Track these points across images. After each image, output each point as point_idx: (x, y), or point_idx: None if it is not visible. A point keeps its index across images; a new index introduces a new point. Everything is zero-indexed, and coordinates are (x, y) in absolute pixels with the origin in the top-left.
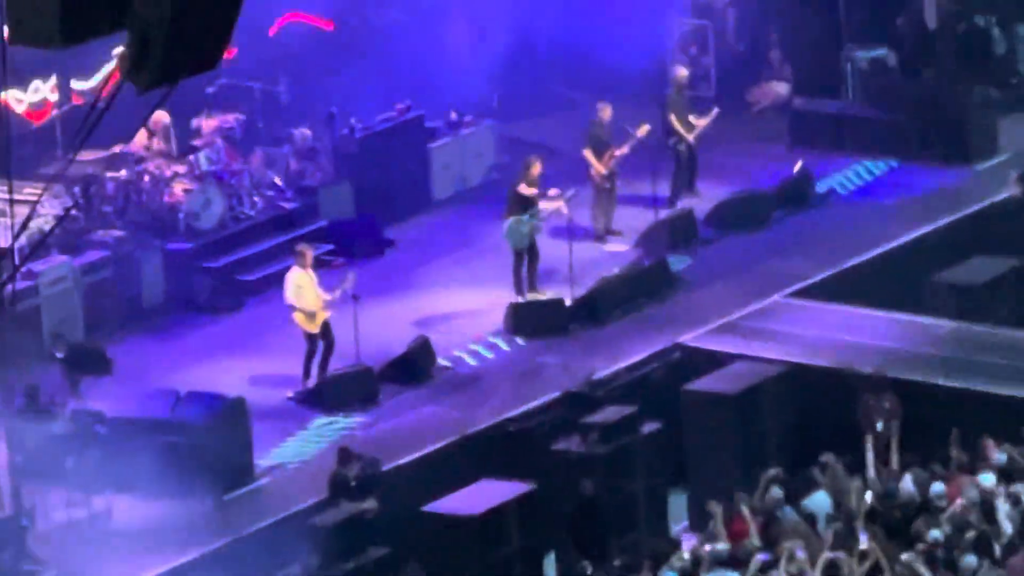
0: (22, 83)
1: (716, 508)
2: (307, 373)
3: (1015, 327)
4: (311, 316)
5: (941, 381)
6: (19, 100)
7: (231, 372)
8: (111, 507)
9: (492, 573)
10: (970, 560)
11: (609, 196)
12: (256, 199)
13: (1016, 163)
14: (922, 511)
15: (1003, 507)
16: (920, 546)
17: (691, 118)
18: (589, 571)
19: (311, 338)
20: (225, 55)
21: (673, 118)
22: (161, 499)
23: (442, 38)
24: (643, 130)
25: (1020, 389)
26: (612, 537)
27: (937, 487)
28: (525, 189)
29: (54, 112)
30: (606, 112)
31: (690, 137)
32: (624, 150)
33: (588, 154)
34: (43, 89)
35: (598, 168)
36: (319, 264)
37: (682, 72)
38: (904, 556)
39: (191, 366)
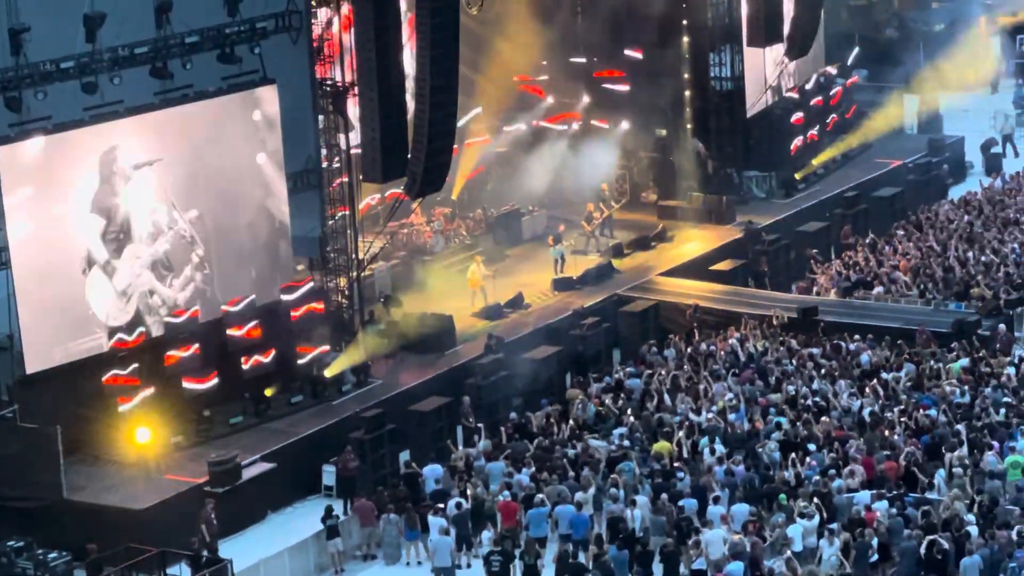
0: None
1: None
2: (473, 303)
3: (741, 287)
4: (476, 284)
5: (716, 306)
6: (365, 204)
7: (446, 305)
8: (400, 356)
9: (546, 381)
10: (723, 372)
11: (591, 238)
12: (456, 240)
13: (741, 224)
14: (709, 356)
15: (740, 354)
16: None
17: (613, 204)
18: (579, 380)
19: (474, 291)
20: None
21: (602, 206)
22: (419, 353)
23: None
24: (605, 214)
25: (745, 309)
26: (590, 367)
27: (713, 346)
28: (553, 237)
29: (379, 207)
30: (590, 206)
31: (612, 212)
32: (598, 221)
33: (583, 222)
34: (374, 200)
35: (587, 228)
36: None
37: (604, 186)
38: (703, 373)
39: (430, 304)
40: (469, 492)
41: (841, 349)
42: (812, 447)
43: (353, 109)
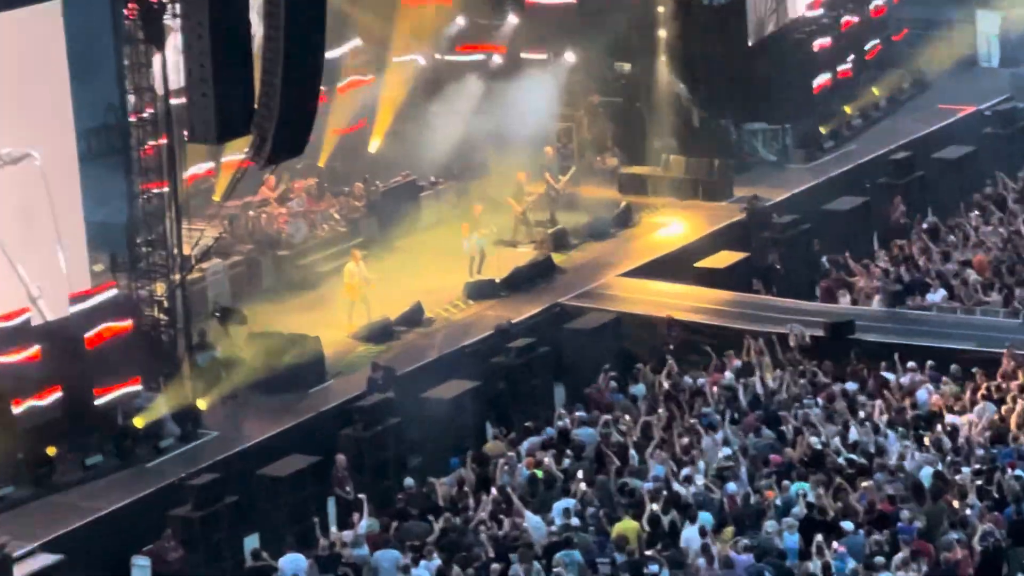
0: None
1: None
2: (349, 320)
3: (743, 293)
4: (354, 291)
5: (705, 320)
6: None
7: (312, 322)
8: (245, 397)
9: (456, 431)
10: (717, 419)
11: (522, 223)
12: (324, 226)
13: (742, 200)
14: (696, 395)
15: (741, 391)
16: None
17: (560, 177)
18: (504, 431)
19: (352, 302)
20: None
21: (547, 176)
22: (273, 393)
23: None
24: (542, 188)
25: (748, 325)
26: (522, 410)
27: (702, 379)
28: (472, 219)
29: (212, 179)
30: (521, 176)
31: (559, 187)
32: (532, 198)
33: (510, 200)
34: (205, 165)
35: (517, 208)
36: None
37: (549, 150)
38: (688, 419)
39: (289, 319)
40: None
41: (888, 383)
42: (848, 526)
43: (174, 37)
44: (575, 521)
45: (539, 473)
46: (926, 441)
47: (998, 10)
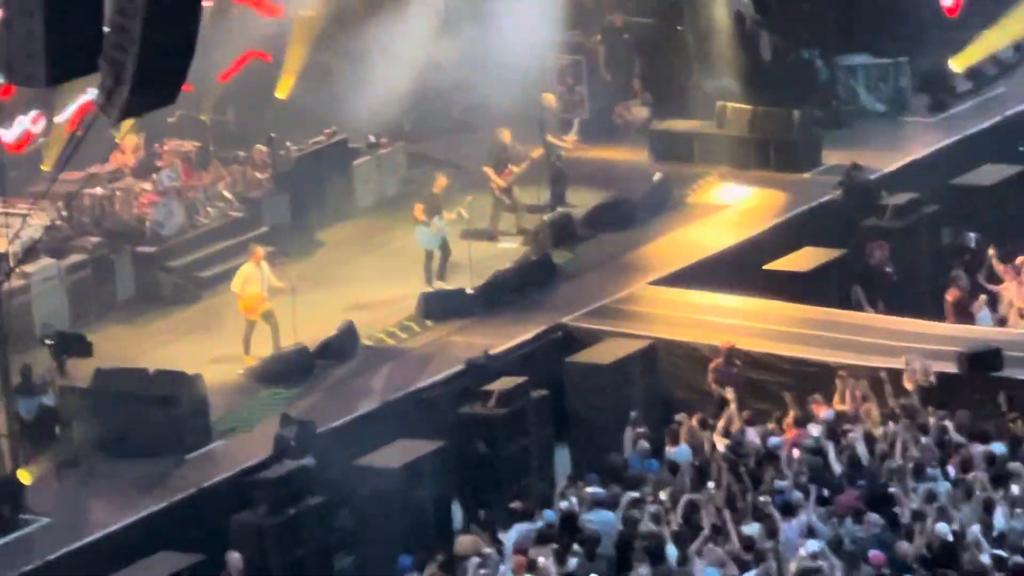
0: (9, 118)
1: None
2: (247, 350)
3: (840, 307)
4: (254, 304)
5: (780, 350)
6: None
7: (191, 354)
8: (90, 465)
9: (409, 517)
10: (798, 496)
11: (506, 204)
12: (209, 209)
13: (837, 171)
14: (766, 460)
15: (833, 455)
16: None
17: (563, 137)
18: (482, 515)
19: (251, 322)
20: (183, 90)
21: (549, 137)
22: (134, 458)
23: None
24: (537, 152)
25: (844, 357)
26: (507, 484)
27: (775, 438)
28: (425, 203)
29: (38, 140)
30: (506, 135)
31: (563, 151)
32: (521, 167)
33: (488, 170)
34: (25, 121)
35: (497, 182)
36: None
37: (549, 97)
38: (755, 497)
39: (157, 349)
40: None
41: None
42: None
43: None
44: None
45: None
46: None
47: None
